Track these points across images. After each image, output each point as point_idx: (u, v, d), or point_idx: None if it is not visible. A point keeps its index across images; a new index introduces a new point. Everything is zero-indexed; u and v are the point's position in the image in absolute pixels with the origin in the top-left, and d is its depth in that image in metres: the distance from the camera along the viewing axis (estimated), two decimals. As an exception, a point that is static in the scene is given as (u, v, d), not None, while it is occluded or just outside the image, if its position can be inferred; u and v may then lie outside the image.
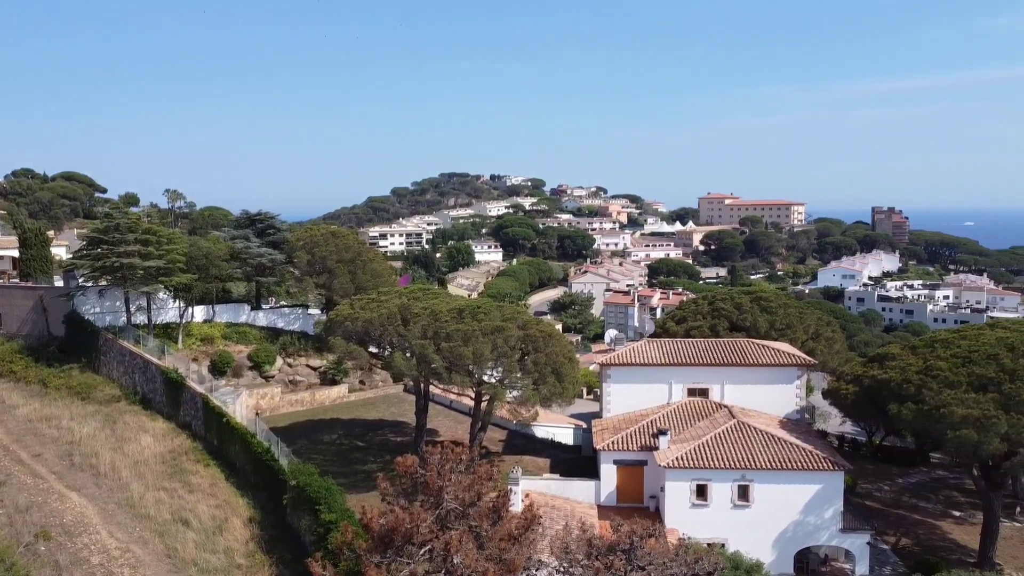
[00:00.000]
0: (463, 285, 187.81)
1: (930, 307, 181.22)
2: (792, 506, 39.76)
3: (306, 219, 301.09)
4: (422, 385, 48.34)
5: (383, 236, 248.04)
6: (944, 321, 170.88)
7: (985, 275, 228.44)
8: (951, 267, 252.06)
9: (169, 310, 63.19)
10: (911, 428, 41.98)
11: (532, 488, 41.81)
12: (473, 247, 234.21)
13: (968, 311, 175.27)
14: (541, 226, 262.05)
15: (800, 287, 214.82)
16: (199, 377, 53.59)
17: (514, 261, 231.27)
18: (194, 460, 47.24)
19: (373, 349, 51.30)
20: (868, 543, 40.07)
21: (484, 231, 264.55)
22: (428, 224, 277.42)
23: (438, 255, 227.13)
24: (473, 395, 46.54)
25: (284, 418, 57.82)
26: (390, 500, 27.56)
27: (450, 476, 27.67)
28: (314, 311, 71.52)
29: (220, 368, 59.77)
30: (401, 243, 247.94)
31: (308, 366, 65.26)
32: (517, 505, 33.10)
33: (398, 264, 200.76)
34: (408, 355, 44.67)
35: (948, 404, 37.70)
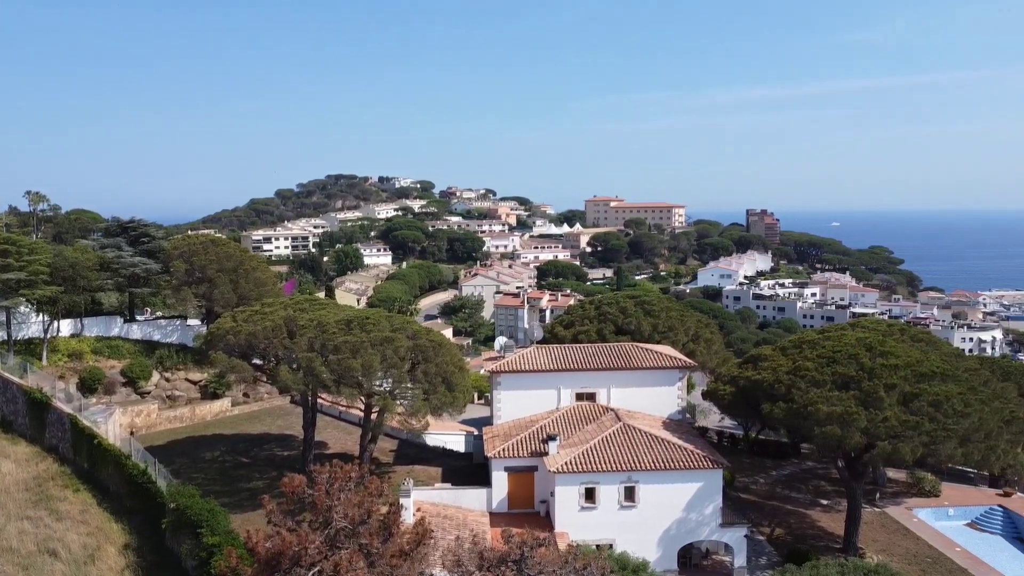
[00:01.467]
0: (352, 289, 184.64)
1: (799, 304, 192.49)
2: (675, 504, 41.37)
3: (184, 222, 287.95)
4: (310, 397, 47.29)
5: (267, 240, 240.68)
6: (812, 317, 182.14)
7: (848, 273, 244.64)
8: (818, 266, 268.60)
9: (32, 324, 59.04)
10: (782, 425, 44.49)
11: (424, 499, 41.71)
12: (362, 250, 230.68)
13: (833, 307, 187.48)
14: (431, 229, 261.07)
15: (682, 287, 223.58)
16: (67, 396, 50.29)
17: (404, 264, 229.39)
18: (62, 486, 44.28)
19: (258, 361, 49.74)
20: (745, 536, 42.20)
21: (373, 234, 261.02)
22: (315, 227, 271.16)
23: (325, 259, 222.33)
24: (363, 406, 45.91)
25: (162, 436, 55.17)
26: (276, 522, 26.85)
27: (339, 495, 27.26)
28: (193, 322, 68.59)
29: (90, 385, 56.40)
30: (286, 247, 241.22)
31: (188, 380, 62.53)
32: (409, 518, 32.94)
33: (283, 269, 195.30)
34: (295, 368, 43.59)
35: (815, 402, 40.24)
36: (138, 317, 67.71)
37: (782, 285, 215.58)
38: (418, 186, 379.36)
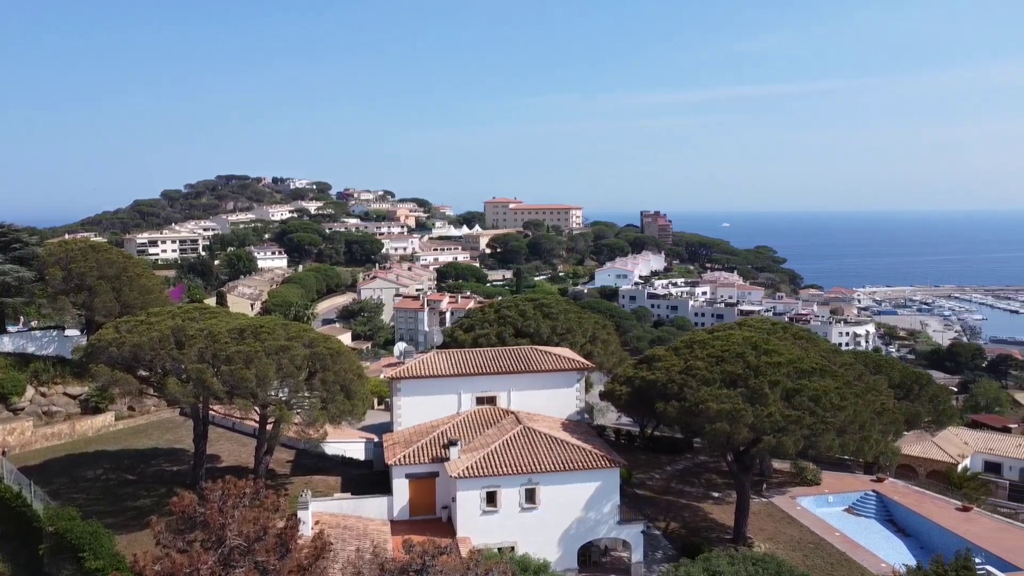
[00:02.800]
0: (245, 294, 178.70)
1: (691, 303, 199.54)
2: (575, 504, 42.15)
3: (61, 225, 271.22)
4: (201, 409, 45.53)
5: (153, 243, 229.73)
6: (703, 315, 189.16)
7: (735, 272, 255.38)
8: (708, 265, 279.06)
9: None
10: (676, 422, 46.04)
11: (323, 510, 40.91)
12: (255, 253, 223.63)
13: (722, 305, 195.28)
14: (328, 231, 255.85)
15: (580, 287, 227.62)
16: (-72, 416, 46.62)
17: (300, 267, 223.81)
18: (-76, 513, 41.02)
19: (144, 373, 47.44)
20: (642, 531, 43.46)
21: (267, 236, 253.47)
22: (204, 230, 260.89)
23: (216, 263, 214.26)
24: (258, 417, 44.58)
25: (38, 455, 51.87)
26: (166, 543, 25.74)
27: (233, 511, 26.40)
28: (72, 332, 64.77)
29: (-45, 403, 52.44)
30: (174, 250, 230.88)
31: (66, 394, 59.03)
32: (307, 531, 32.23)
33: (171, 273, 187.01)
34: (184, 380, 41.85)
35: (705, 400, 41.88)
36: (10, 328, 63.36)
37: (675, 284, 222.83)
38: (314, 187, 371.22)
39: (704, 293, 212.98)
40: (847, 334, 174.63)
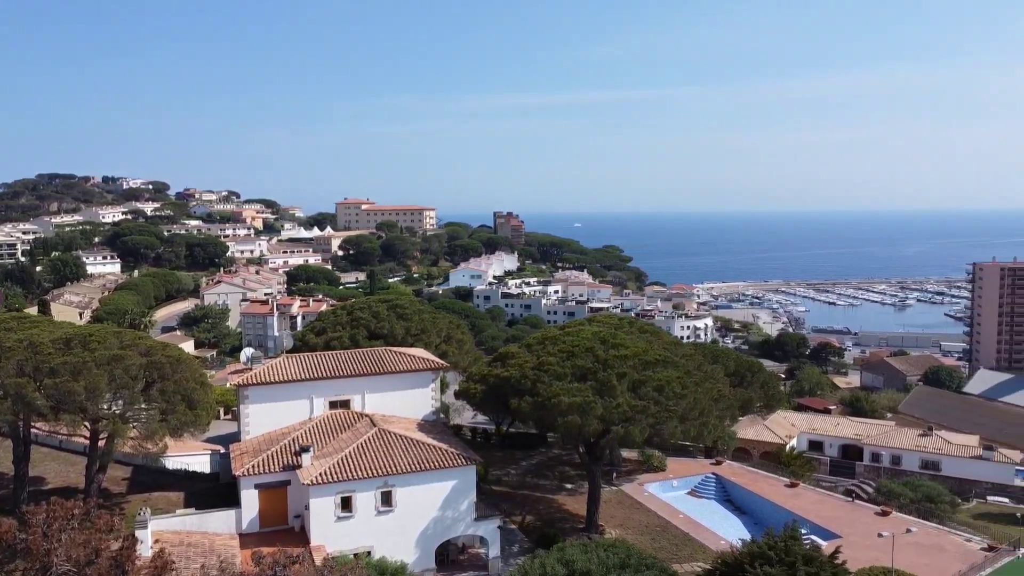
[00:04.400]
0: (73, 302, 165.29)
1: (544, 301, 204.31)
2: (432, 504, 42.08)
3: None
4: (21, 427, 41.66)
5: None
6: (555, 313, 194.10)
7: (585, 271, 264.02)
8: (559, 264, 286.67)
9: None
10: (530, 417, 47.01)
11: (164, 528, 38.58)
12: (84, 258, 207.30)
13: (574, 303, 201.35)
14: (167, 233, 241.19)
15: (434, 288, 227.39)
16: None
17: (136, 273, 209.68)
18: None
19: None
20: (499, 527, 44.03)
21: (97, 240, 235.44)
22: (24, 233, 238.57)
23: (39, 268, 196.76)
24: (88, 433, 41.35)
25: None
26: (-20, 576, 23.45)
27: (59, 535, 24.43)
28: None
29: None
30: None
31: None
32: (146, 551, 30.28)
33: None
34: (1, 396, 38.15)
35: (557, 395, 43.05)
36: None
37: (528, 284, 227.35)
38: (150, 187, 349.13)
39: (556, 292, 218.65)
40: (688, 328, 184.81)
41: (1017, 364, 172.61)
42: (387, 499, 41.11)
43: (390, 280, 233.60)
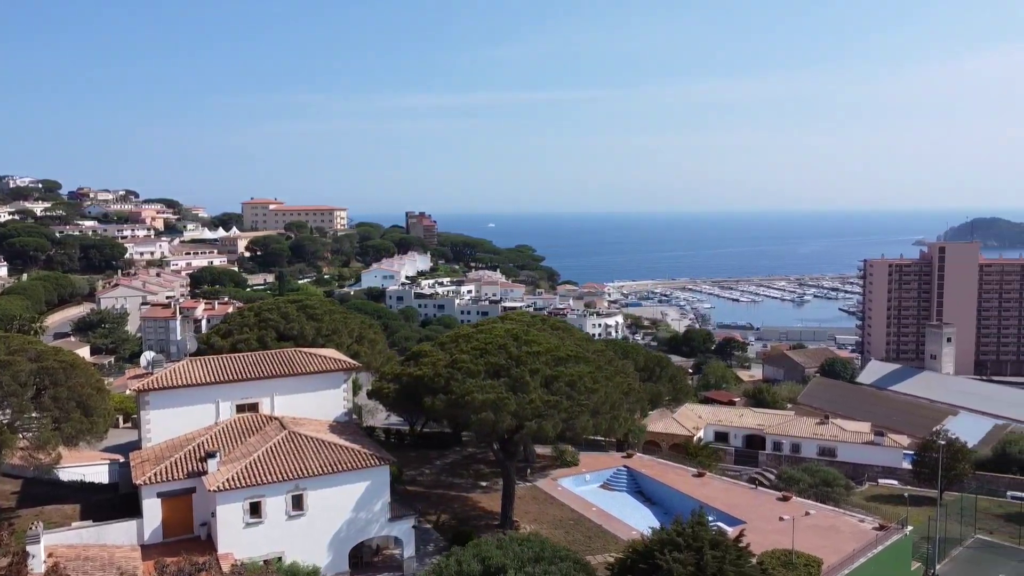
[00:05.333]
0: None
1: (457, 301, 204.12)
2: (345, 506, 41.45)
3: None
4: None
5: None
6: (469, 312, 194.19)
7: (498, 271, 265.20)
8: (472, 264, 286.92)
9: None
10: (444, 416, 46.92)
11: (59, 542, 36.62)
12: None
13: (487, 303, 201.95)
14: (58, 235, 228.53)
15: (346, 289, 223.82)
16: None
17: (24, 276, 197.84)
18: None
19: None
20: (413, 526, 43.75)
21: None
22: None
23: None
24: (-28, 445, 38.81)
25: None
26: None
27: (-59, 553, 22.88)
28: None
29: None
30: None
31: None
32: (39, 567, 28.73)
33: None
34: None
35: (471, 392, 43.12)
36: None
37: (441, 284, 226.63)
38: (40, 186, 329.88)
39: (469, 291, 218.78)
40: (599, 325, 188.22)
41: (904, 355, 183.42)
42: (298, 503, 40.25)
43: (300, 281, 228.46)
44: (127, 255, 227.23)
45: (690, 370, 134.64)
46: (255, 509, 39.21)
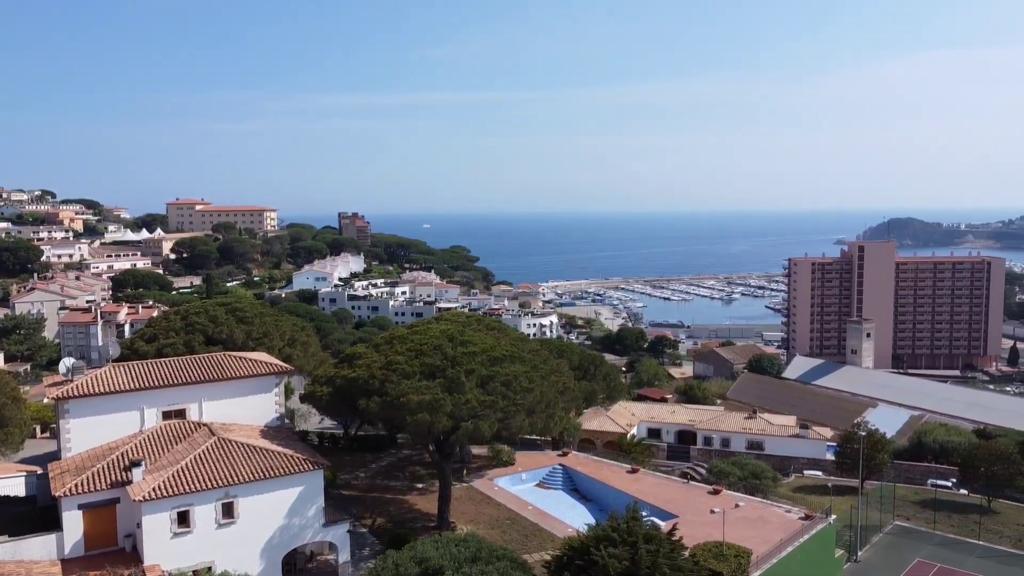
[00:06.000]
0: None
1: (392, 303, 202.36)
2: (277, 512, 40.61)
3: None
4: None
5: None
6: (403, 314, 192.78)
7: (433, 271, 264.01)
8: (406, 265, 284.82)
9: None
10: (379, 418, 46.49)
11: (-29, 559, 34.88)
12: None
13: (422, 304, 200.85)
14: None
15: (277, 291, 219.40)
16: None
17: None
18: None
19: None
20: (348, 531, 43.18)
21: None
22: None
23: None
24: None
25: None
26: None
27: None
28: None
29: None
30: None
31: None
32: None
33: None
34: None
35: (406, 393, 42.84)
36: None
37: (375, 285, 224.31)
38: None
39: (404, 293, 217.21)
40: (534, 325, 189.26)
41: (827, 350, 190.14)
42: (228, 511, 39.25)
43: (229, 284, 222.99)
44: (44, 258, 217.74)
45: (623, 368, 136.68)
46: (183, 518, 38.07)
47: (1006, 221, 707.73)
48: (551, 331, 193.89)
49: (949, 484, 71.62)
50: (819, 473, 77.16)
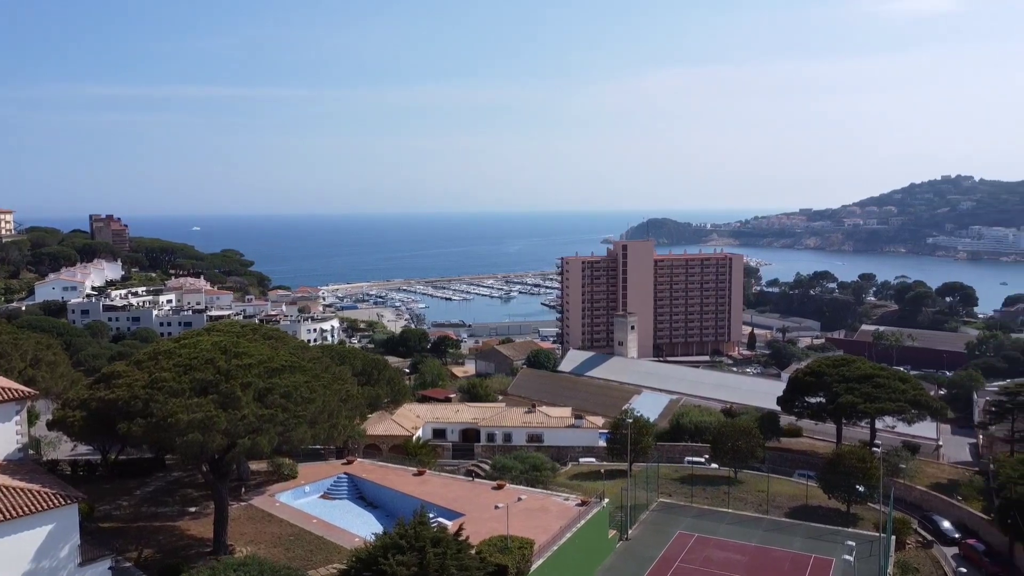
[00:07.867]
0: None
1: (156, 312, 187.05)
2: (22, 557, 36.00)
3: None
4: None
5: None
6: (170, 324, 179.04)
7: (202, 277, 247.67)
8: (172, 271, 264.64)
9: None
10: (144, 441, 42.91)
11: None
12: None
13: (191, 312, 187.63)
14: None
15: (16, 304, 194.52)
16: None
17: None
18: None
19: None
20: (110, 567, 39.35)
21: None
22: None
23: None
24: None
25: None
26: None
27: None
28: None
29: None
30: None
31: None
32: None
33: None
34: None
35: (175, 412, 39.82)
36: None
37: (136, 294, 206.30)
38: None
39: (170, 301, 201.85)
40: (315, 330, 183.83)
41: (597, 343, 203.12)
42: (-42, 561, 34.27)
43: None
44: None
45: (407, 370, 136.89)
46: (-102, 576, 32.69)
47: (743, 221, 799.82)
48: (332, 336, 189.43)
49: (702, 460, 79.47)
50: (593, 460, 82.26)
